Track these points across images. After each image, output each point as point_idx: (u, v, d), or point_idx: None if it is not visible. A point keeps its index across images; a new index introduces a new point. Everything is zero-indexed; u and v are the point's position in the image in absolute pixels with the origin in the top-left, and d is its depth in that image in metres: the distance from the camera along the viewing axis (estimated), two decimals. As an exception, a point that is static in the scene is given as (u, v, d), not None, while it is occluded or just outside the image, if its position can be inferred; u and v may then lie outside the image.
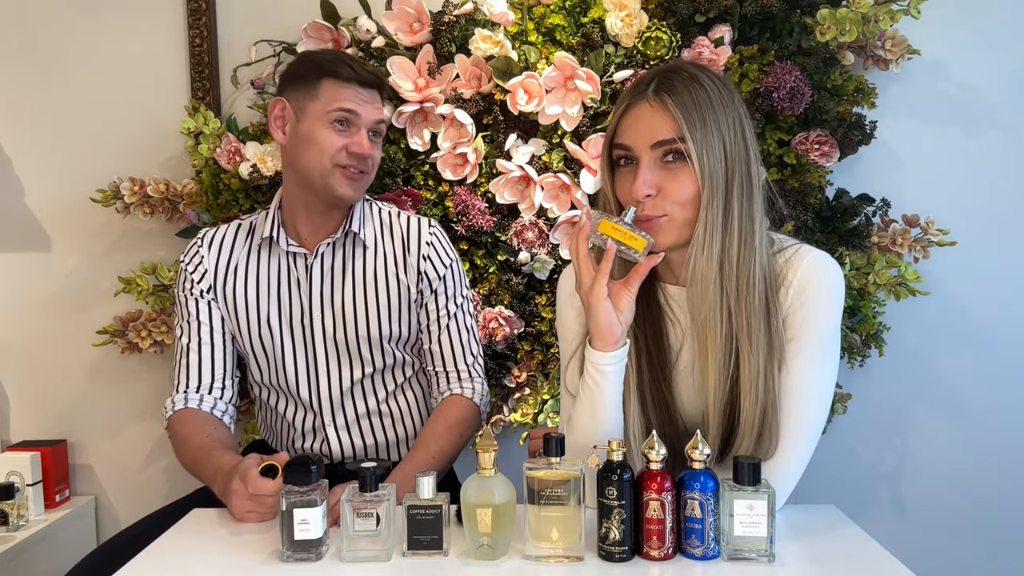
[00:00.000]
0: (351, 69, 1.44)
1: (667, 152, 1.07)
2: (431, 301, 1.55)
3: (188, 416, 1.46)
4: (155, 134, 1.99)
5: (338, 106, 1.43)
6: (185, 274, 1.54)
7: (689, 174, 1.06)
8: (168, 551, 1.14)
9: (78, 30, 1.99)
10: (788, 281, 1.10)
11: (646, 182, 1.07)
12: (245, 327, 1.52)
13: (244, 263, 1.54)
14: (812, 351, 1.10)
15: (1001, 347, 1.96)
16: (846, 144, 1.81)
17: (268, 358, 1.54)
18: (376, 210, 1.58)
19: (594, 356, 1.11)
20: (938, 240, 1.83)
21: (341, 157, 1.44)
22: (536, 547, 1.07)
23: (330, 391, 1.53)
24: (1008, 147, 1.93)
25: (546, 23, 1.83)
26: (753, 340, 1.08)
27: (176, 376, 1.52)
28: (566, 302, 1.24)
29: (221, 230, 1.58)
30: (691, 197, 1.07)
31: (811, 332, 1.09)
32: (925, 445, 1.99)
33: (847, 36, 1.74)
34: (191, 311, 1.52)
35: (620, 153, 1.11)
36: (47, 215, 2.03)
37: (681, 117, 1.05)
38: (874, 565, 1.06)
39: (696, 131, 1.05)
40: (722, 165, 1.06)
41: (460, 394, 1.54)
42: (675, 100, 1.06)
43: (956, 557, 1.99)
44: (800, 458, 1.12)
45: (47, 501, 1.93)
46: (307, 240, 1.52)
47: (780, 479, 1.11)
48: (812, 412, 1.11)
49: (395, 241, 1.55)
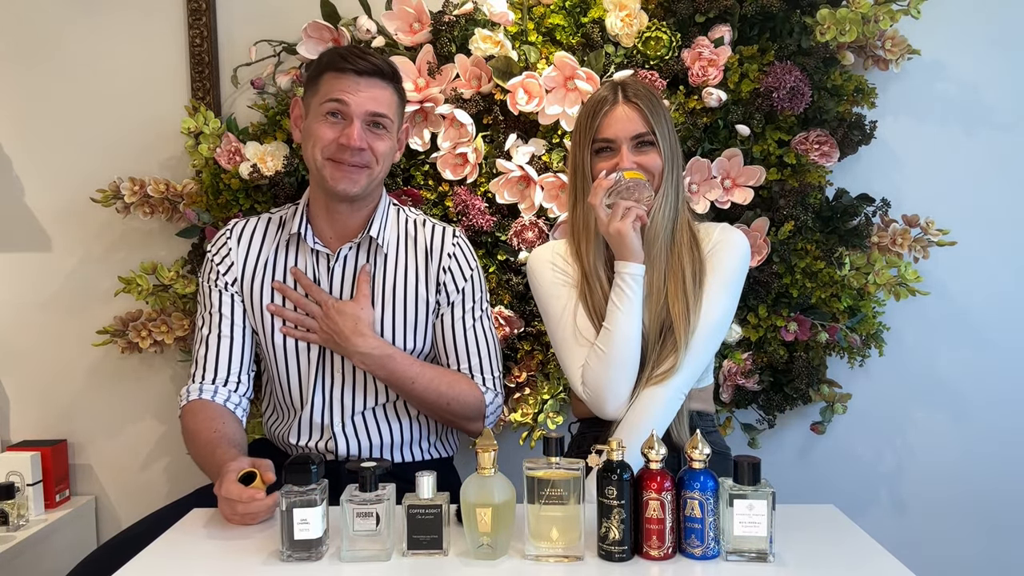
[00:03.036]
0: (348, 60, 1.42)
1: (640, 142, 1.45)
2: (447, 312, 1.54)
3: (200, 408, 1.46)
4: (155, 134, 1.99)
5: (328, 97, 1.42)
6: (211, 264, 1.54)
7: (656, 154, 1.45)
8: (168, 551, 1.14)
9: (78, 30, 1.98)
10: (707, 240, 1.48)
11: (629, 162, 1.43)
12: (268, 323, 1.52)
13: (272, 259, 1.53)
14: (720, 284, 1.44)
15: (1001, 347, 1.96)
16: (846, 144, 1.81)
17: (286, 357, 1.53)
18: (403, 217, 1.57)
19: (633, 268, 1.40)
20: (938, 240, 1.83)
21: (331, 149, 1.43)
22: (536, 547, 1.07)
23: (342, 399, 1.52)
24: (1008, 147, 1.93)
25: (546, 23, 1.83)
26: (677, 266, 1.44)
27: (193, 365, 1.52)
28: (543, 268, 1.51)
29: (251, 223, 1.58)
30: (659, 170, 1.45)
31: (721, 271, 1.45)
32: (925, 445, 1.99)
33: (847, 36, 1.74)
34: (214, 302, 1.52)
35: (602, 145, 1.46)
36: (47, 215, 2.03)
37: (650, 116, 1.44)
38: (874, 565, 1.06)
39: (658, 124, 1.44)
40: (670, 147, 1.46)
41: (479, 386, 1.54)
42: (643, 104, 1.44)
43: (956, 557, 1.99)
44: (701, 351, 1.42)
45: (47, 501, 1.93)
46: (331, 240, 1.52)
47: (686, 365, 1.39)
48: (713, 323, 1.43)
49: (418, 251, 1.54)
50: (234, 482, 1.21)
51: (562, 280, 1.49)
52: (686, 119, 1.79)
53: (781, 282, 1.82)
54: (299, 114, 1.52)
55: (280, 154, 1.82)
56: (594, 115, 1.45)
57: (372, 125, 1.45)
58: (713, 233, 1.49)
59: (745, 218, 1.80)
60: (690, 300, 1.41)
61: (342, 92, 1.42)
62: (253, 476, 1.23)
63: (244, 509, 1.20)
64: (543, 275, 1.51)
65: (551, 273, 1.50)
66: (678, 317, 1.40)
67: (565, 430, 1.75)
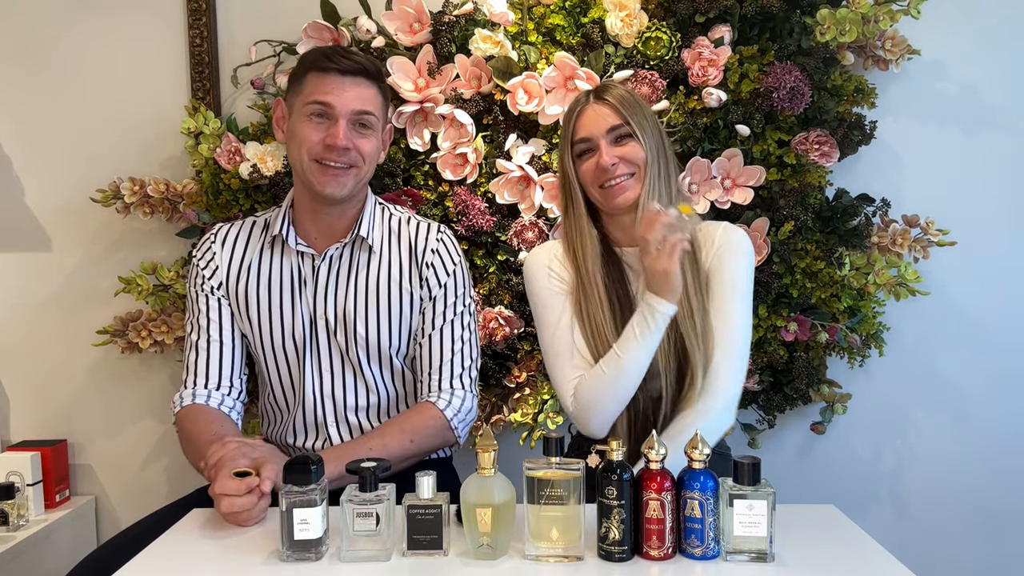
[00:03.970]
0: (332, 59, 1.40)
1: (618, 136, 1.42)
2: (428, 308, 1.52)
3: (195, 412, 1.46)
4: (155, 134, 1.99)
5: (313, 98, 1.41)
6: (196, 269, 1.53)
7: (637, 145, 1.41)
8: (168, 551, 1.14)
9: (78, 30, 1.99)
10: (706, 242, 1.44)
11: (609, 155, 1.40)
12: (256, 325, 1.51)
13: (256, 261, 1.52)
14: (733, 295, 1.41)
15: (1001, 347, 1.96)
16: (846, 144, 1.81)
17: (275, 358, 1.53)
18: (388, 215, 1.56)
19: (667, 308, 1.34)
20: (938, 240, 1.83)
21: (318, 150, 1.41)
22: (536, 547, 1.07)
23: (333, 396, 1.52)
24: (1008, 147, 1.92)
25: (546, 23, 1.83)
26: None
27: (185, 371, 1.51)
28: (539, 274, 1.49)
29: (235, 226, 1.57)
30: (643, 160, 1.41)
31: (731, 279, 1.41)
32: (925, 445, 1.99)
33: (847, 36, 1.74)
34: (201, 308, 1.52)
35: (582, 147, 1.44)
36: (47, 215, 2.03)
37: (621, 108, 1.41)
38: (874, 565, 1.06)
39: (634, 116, 1.41)
40: (654, 141, 1.42)
41: (433, 403, 1.48)
42: (614, 99, 1.42)
43: (956, 557, 1.99)
44: (737, 371, 1.40)
45: (47, 501, 1.93)
46: (316, 241, 1.51)
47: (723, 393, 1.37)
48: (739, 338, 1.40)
49: (402, 248, 1.53)
50: (228, 476, 1.19)
51: (558, 287, 1.47)
52: (686, 119, 1.79)
53: (781, 282, 1.82)
54: (282, 115, 1.50)
55: (280, 154, 1.83)
56: (570, 119, 1.46)
57: (358, 124, 1.43)
58: (715, 234, 1.44)
59: (745, 218, 1.80)
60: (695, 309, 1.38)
61: (326, 93, 1.40)
62: (247, 473, 1.22)
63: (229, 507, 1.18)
64: (538, 281, 1.48)
65: (546, 279, 1.47)
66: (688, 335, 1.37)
67: (565, 430, 1.75)
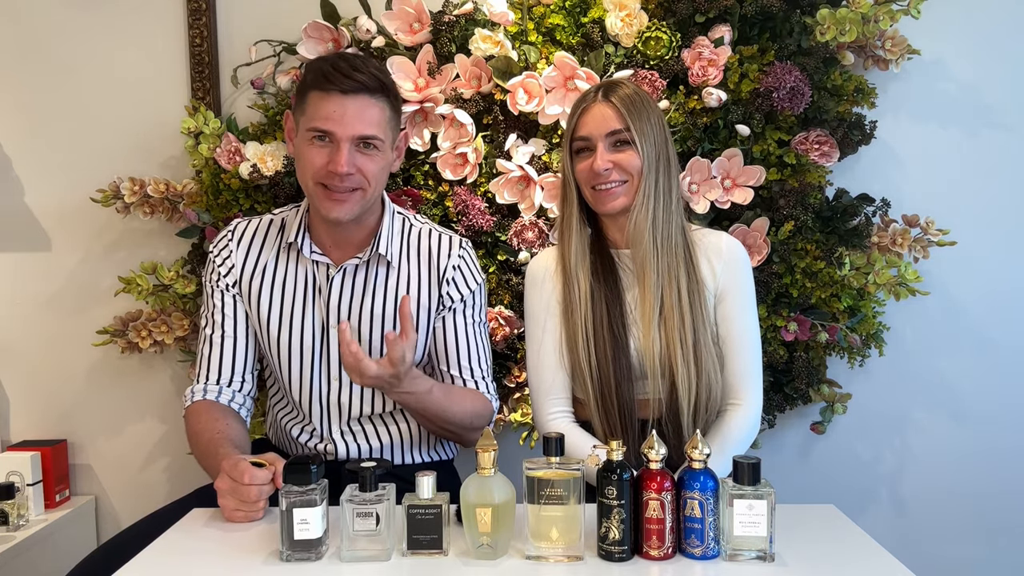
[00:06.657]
0: (332, 80, 1.34)
1: (617, 140, 1.41)
2: (448, 315, 1.51)
3: (204, 409, 1.46)
4: (155, 134, 1.99)
5: (313, 125, 1.37)
6: (213, 265, 1.53)
7: (633, 153, 1.40)
8: (168, 551, 1.14)
9: (78, 30, 1.98)
10: (711, 253, 1.47)
11: (604, 159, 1.40)
12: (267, 327, 1.51)
13: (272, 264, 1.51)
14: (745, 304, 1.47)
15: (1001, 347, 1.96)
16: (846, 144, 1.81)
17: (285, 360, 1.51)
18: (408, 227, 1.54)
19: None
20: (938, 240, 1.83)
21: (321, 175, 1.38)
22: (536, 547, 1.07)
23: (339, 403, 1.51)
24: (1008, 147, 1.92)
25: (546, 23, 1.83)
26: (672, 278, 1.42)
27: (197, 365, 1.52)
28: (533, 287, 1.51)
29: (252, 224, 1.55)
30: (637, 170, 1.41)
31: (747, 292, 1.48)
32: (925, 445, 1.99)
33: (847, 36, 1.74)
34: (216, 303, 1.52)
35: (580, 145, 1.44)
36: (47, 215, 2.03)
37: (626, 113, 1.40)
38: (874, 565, 1.06)
39: (637, 122, 1.40)
40: (654, 149, 1.41)
41: (490, 401, 1.52)
42: (622, 103, 1.40)
43: (956, 557, 1.99)
44: (759, 388, 1.45)
45: (47, 501, 1.93)
46: (332, 250, 1.49)
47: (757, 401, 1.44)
48: (758, 347, 1.48)
49: (421, 261, 1.51)
50: (252, 467, 1.21)
51: (546, 299, 1.48)
52: (686, 119, 1.79)
53: (781, 282, 1.82)
54: (291, 127, 1.48)
55: (280, 154, 1.82)
56: (574, 114, 1.45)
57: (362, 146, 1.38)
58: (721, 247, 1.47)
59: (745, 218, 1.80)
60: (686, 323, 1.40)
61: (326, 119, 1.35)
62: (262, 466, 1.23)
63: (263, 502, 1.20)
64: (531, 294, 1.51)
65: (538, 295, 1.49)
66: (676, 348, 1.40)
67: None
